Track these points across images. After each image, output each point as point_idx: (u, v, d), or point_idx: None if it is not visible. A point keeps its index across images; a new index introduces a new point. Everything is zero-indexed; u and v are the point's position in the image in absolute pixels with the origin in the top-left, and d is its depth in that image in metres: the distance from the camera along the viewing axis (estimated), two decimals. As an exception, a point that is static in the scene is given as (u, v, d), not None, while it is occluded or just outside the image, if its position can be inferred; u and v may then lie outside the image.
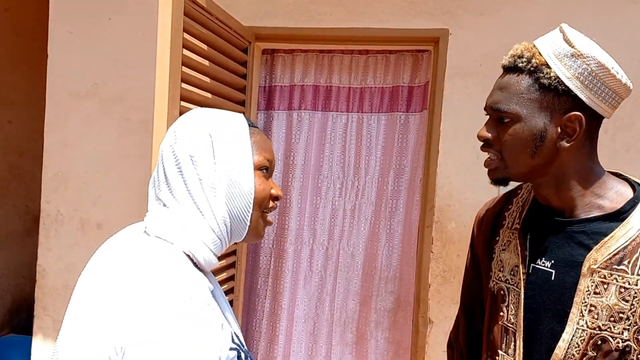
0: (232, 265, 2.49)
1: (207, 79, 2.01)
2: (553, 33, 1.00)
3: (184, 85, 1.83)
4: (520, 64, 0.99)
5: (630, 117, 2.24)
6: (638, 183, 1.04)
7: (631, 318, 0.94)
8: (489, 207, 1.24)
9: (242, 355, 0.87)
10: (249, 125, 0.97)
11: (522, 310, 1.06)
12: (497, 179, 1.05)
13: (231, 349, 0.84)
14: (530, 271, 1.06)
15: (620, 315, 0.95)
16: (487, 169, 1.07)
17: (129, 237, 0.92)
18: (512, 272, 1.10)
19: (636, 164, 2.24)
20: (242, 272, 2.60)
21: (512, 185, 1.13)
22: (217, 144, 0.91)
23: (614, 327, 0.95)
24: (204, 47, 1.96)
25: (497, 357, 1.10)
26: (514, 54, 1.01)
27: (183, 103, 1.83)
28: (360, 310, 2.74)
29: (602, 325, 0.96)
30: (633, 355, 0.94)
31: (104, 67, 2.57)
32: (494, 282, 1.14)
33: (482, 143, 1.06)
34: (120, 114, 2.56)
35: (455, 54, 2.33)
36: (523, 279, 1.06)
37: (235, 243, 1.03)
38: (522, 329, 1.05)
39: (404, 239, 2.67)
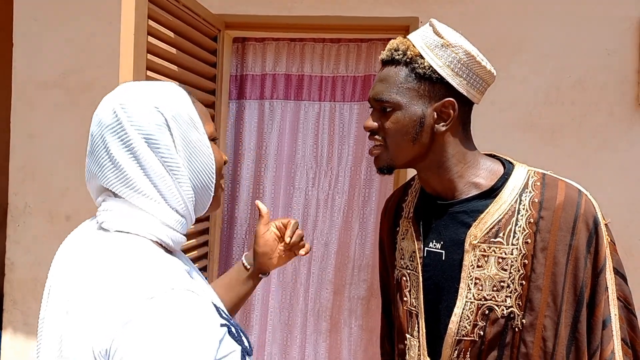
0: (204, 256, 2.48)
1: (174, 67, 1.99)
2: (423, 28, 1.08)
3: (150, 73, 1.80)
4: (397, 57, 1.05)
5: (596, 105, 2.27)
6: (509, 161, 1.12)
7: (511, 285, 1.03)
8: (389, 201, 1.31)
9: (232, 329, 0.84)
10: (188, 93, 0.93)
11: (422, 293, 1.12)
12: (382, 167, 1.11)
13: (221, 325, 0.81)
14: (425, 254, 1.13)
15: (502, 284, 1.03)
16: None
17: (91, 236, 0.86)
18: (410, 258, 1.16)
19: (602, 150, 2.28)
20: (214, 263, 2.59)
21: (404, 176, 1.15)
22: (171, 121, 0.85)
23: (497, 295, 1.03)
24: (171, 34, 1.94)
25: (405, 341, 1.16)
26: (390, 47, 1.07)
27: (149, 91, 1.81)
28: (333, 299, 2.74)
29: (487, 295, 1.04)
30: (517, 320, 1.02)
31: (71, 55, 2.53)
32: (398, 270, 1.20)
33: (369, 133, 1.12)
34: (88, 103, 2.51)
35: (426, 42, 2.34)
36: (420, 263, 1.13)
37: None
38: (423, 310, 1.11)
39: (377, 227, 2.68)
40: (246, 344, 0.86)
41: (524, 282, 1.02)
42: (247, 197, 2.78)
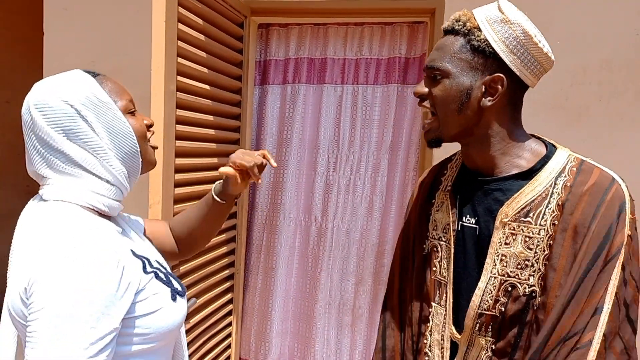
0: (232, 239, 2.53)
1: (203, 54, 2.02)
2: (490, 4, 1.10)
3: (180, 60, 1.84)
4: (457, 27, 1.08)
5: (624, 84, 2.25)
6: (552, 144, 1.14)
7: (535, 265, 1.05)
8: (427, 174, 1.35)
9: (161, 275, 1.02)
10: (94, 76, 1.01)
11: (452, 264, 1.17)
12: (431, 140, 1.15)
13: (147, 272, 0.98)
14: (459, 228, 1.17)
15: (526, 262, 1.06)
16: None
17: (32, 207, 0.99)
18: (444, 230, 1.20)
19: (629, 131, 2.26)
20: (242, 246, 2.64)
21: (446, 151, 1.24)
22: (82, 110, 0.95)
23: (521, 273, 1.07)
24: (199, 21, 1.97)
25: (430, 309, 1.20)
26: (452, 18, 1.10)
27: (180, 77, 1.84)
28: (355, 289, 2.73)
29: (511, 272, 1.07)
30: (538, 299, 1.05)
31: (101, 43, 2.58)
32: (429, 241, 1.25)
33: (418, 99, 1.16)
34: (118, 91, 2.56)
35: (451, 25, 2.33)
36: (453, 236, 1.17)
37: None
38: (452, 281, 1.16)
39: (399, 212, 2.68)
40: (176, 286, 1.04)
41: (547, 262, 1.04)
42: (269, 182, 2.80)
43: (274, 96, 2.78)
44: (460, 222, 1.17)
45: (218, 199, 1.33)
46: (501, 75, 1.05)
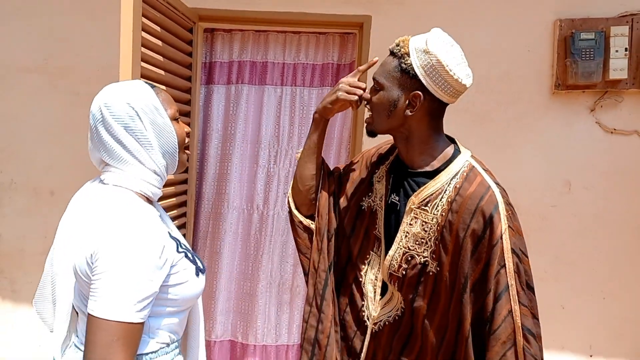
0: (182, 226, 2.75)
1: (160, 58, 2.24)
2: (424, 34, 1.36)
3: (143, 64, 2.06)
4: (396, 50, 1.36)
5: (519, 93, 2.70)
6: (458, 148, 1.44)
7: (429, 242, 1.38)
8: (380, 148, 1.64)
9: (189, 255, 1.26)
10: (151, 87, 1.25)
11: (383, 225, 1.50)
12: (369, 131, 1.47)
13: (179, 251, 1.21)
14: (388, 201, 1.49)
15: (422, 240, 1.39)
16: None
17: (94, 188, 1.23)
18: (380, 199, 1.52)
19: (523, 132, 2.71)
20: (190, 232, 2.86)
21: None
22: (140, 112, 1.19)
23: (418, 248, 1.40)
24: (158, 28, 2.19)
25: (368, 256, 1.54)
26: (395, 42, 1.37)
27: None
28: (294, 269, 3.04)
29: (411, 246, 1.41)
30: (431, 267, 1.39)
31: (51, 43, 2.72)
32: (371, 203, 1.55)
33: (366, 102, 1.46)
34: (68, 88, 2.72)
35: (377, 38, 2.68)
36: (384, 206, 1.50)
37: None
38: (383, 237, 1.50)
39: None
40: (199, 264, 1.29)
41: (437, 242, 1.37)
42: (214, 175, 3.05)
43: (219, 95, 3.03)
44: (390, 197, 1.48)
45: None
46: (419, 92, 1.32)
